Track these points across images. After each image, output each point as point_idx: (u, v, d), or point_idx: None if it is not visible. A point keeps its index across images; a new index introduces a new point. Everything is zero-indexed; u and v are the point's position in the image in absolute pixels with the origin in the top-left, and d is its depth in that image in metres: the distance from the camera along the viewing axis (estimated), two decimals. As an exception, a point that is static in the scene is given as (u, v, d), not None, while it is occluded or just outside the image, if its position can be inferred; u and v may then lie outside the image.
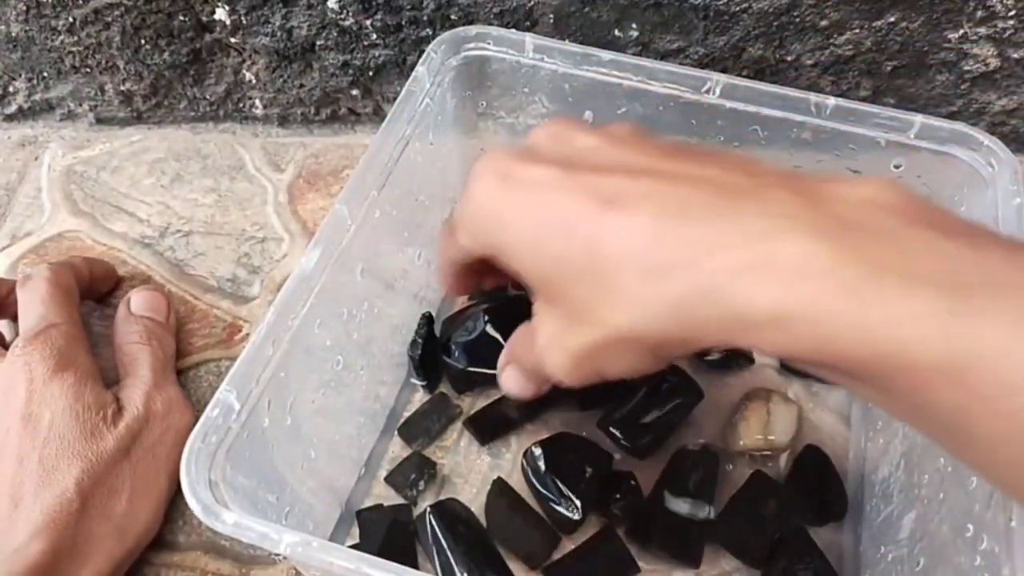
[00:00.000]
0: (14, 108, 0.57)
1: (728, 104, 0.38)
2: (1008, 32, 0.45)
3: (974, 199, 0.36)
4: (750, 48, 0.47)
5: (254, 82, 0.54)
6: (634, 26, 0.47)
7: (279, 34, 0.50)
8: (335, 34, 0.50)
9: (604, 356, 0.28)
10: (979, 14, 0.44)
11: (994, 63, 0.47)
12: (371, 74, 0.52)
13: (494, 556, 0.38)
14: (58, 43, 0.52)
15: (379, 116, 0.55)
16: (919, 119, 0.36)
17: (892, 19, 0.45)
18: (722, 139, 0.39)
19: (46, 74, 0.55)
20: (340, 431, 0.40)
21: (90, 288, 0.47)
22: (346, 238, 0.35)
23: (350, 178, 0.36)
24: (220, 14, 0.50)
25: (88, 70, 0.54)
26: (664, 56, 0.48)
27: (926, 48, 0.46)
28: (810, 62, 0.48)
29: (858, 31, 0.46)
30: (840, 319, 0.22)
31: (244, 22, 0.50)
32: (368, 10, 0.48)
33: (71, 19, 0.51)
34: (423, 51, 0.39)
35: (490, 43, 0.40)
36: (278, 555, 0.27)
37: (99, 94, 0.56)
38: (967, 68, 0.47)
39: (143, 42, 0.52)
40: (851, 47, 0.46)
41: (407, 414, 0.43)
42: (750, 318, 0.23)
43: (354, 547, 0.28)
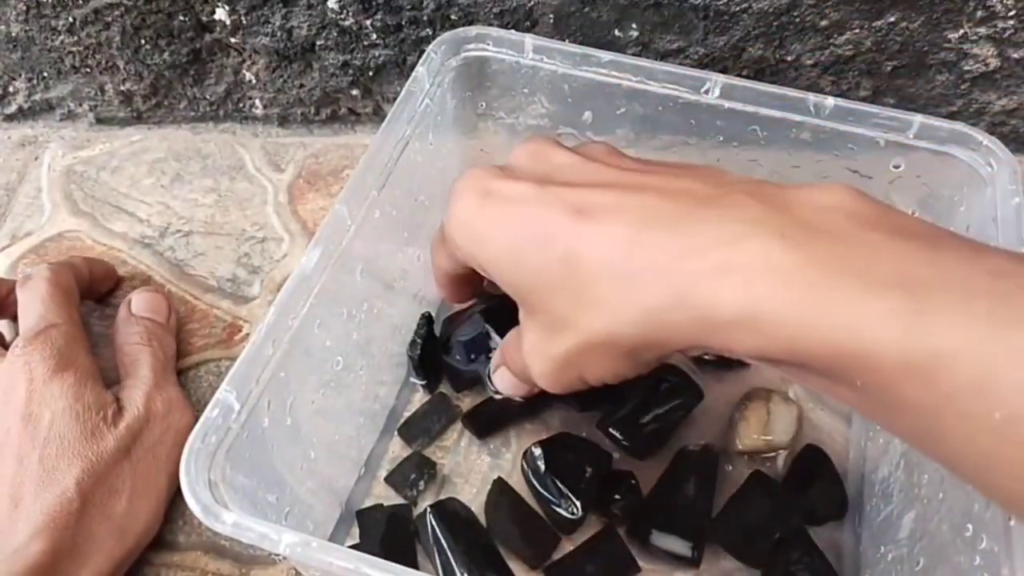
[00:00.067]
0: (14, 108, 0.57)
1: (727, 104, 0.38)
2: (1008, 32, 0.45)
3: (973, 199, 0.36)
4: (750, 48, 0.47)
5: (254, 82, 0.54)
6: (634, 26, 0.47)
7: (279, 34, 0.50)
8: (335, 34, 0.50)
9: (583, 362, 0.29)
10: (979, 14, 0.44)
11: (994, 63, 0.47)
12: (371, 74, 0.52)
13: (494, 556, 0.38)
14: (58, 43, 0.52)
15: (379, 116, 0.55)
16: (918, 119, 0.36)
17: (892, 19, 0.45)
18: (721, 139, 0.39)
19: (46, 74, 0.55)
20: (340, 431, 0.40)
21: (90, 288, 0.47)
22: (346, 238, 0.35)
23: (350, 178, 0.36)
24: (220, 14, 0.50)
25: (88, 70, 0.54)
26: (664, 56, 0.48)
27: (926, 48, 0.46)
28: (810, 62, 0.48)
29: (858, 31, 0.46)
30: (804, 319, 0.22)
31: (244, 22, 0.50)
32: (368, 10, 0.48)
33: (71, 19, 0.51)
34: (423, 51, 0.39)
35: (490, 43, 0.40)
36: (278, 555, 0.27)
37: (99, 94, 0.56)
38: (967, 68, 0.47)
39: (143, 42, 0.52)
40: (851, 47, 0.46)
41: (407, 414, 0.43)
42: (718, 319, 0.24)
43: (354, 547, 0.28)
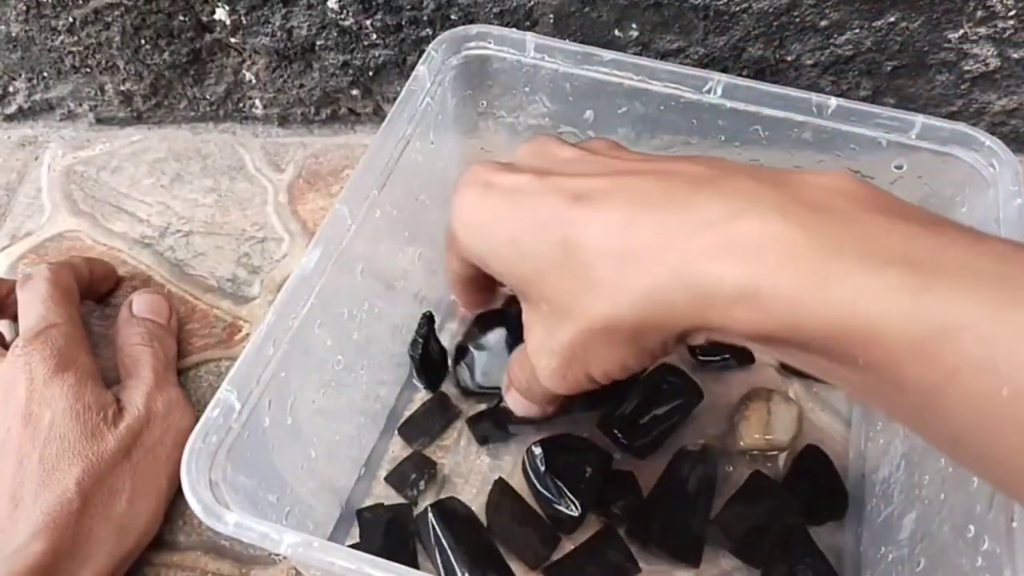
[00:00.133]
0: (14, 108, 0.57)
1: (729, 104, 0.38)
2: (1008, 32, 0.45)
3: (975, 199, 0.36)
4: (750, 48, 0.47)
5: (254, 82, 0.54)
6: (634, 26, 0.47)
7: (279, 34, 0.50)
8: (335, 34, 0.50)
9: (587, 352, 0.28)
10: (979, 14, 0.44)
11: (994, 63, 0.47)
12: (371, 74, 0.52)
13: (495, 555, 0.38)
14: (58, 43, 0.52)
15: (379, 116, 0.55)
16: (920, 119, 0.36)
17: (892, 19, 0.45)
18: (723, 139, 0.39)
19: (46, 74, 0.55)
20: (340, 431, 0.40)
21: (90, 288, 0.47)
22: (346, 238, 0.35)
23: (350, 178, 0.36)
24: (220, 14, 0.50)
25: (88, 70, 0.54)
26: (664, 56, 0.48)
27: (926, 48, 0.46)
28: (810, 62, 0.48)
29: (858, 31, 0.46)
30: (805, 294, 0.22)
31: (244, 22, 0.50)
32: (368, 10, 0.48)
33: (71, 19, 0.51)
34: (423, 51, 0.39)
35: (491, 42, 0.40)
36: (278, 555, 0.27)
37: (99, 94, 0.56)
38: (967, 68, 0.47)
39: (143, 42, 0.52)
40: (851, 47, 0.46)
41: (407, 414, 0.43)
42: (718, 296, 0.24)
43: (354, 547, 0.28)
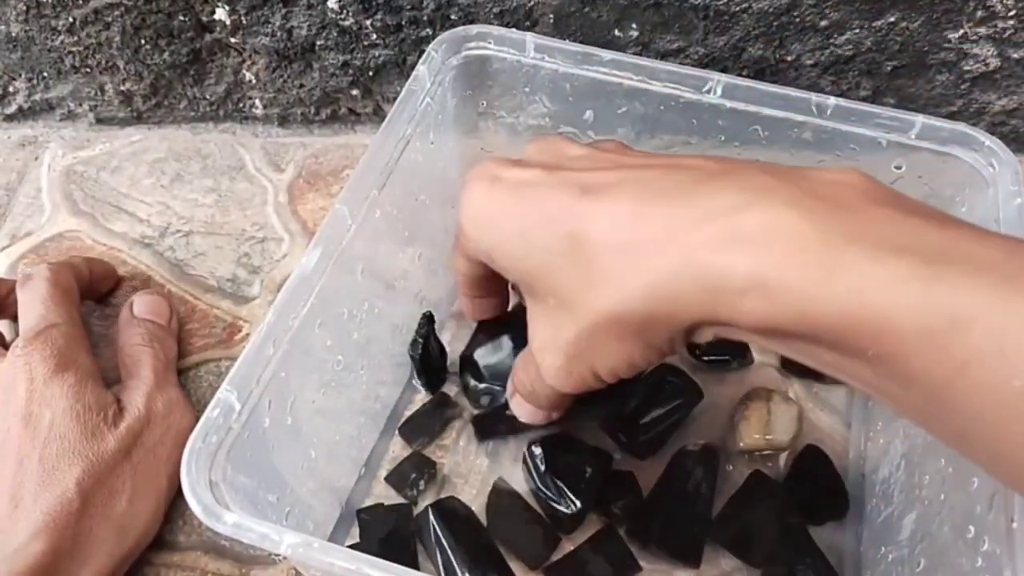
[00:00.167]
0: (14, 108, 0.57)
1: (729, 104, 0.38)
2: (1008, 32, 0.45)
3: (975, 199, 0.36)
4: (750, 48, 0.47)
5: (254, 82, 0.54)
6: (634, 26, 0.47)
7: (279, 34, 0.50)
8: (335, 34, 0.50)
9: (594, 348, 0.28)
10: (979, 14, 0.44)
11: (994, 63, 0.47)
12: (371, 74, 0.52)
13: (495, 555, 0.38)
14: (58, 43, 0.52)
15: (379, 116, 0.55)
16: (920, 119, 0.36)
17: (892, 19, 0.45)
18: (723, 139, 0.39)
19: (46, 74, 0.55)
20: (340, 431, 0.40)
21: (90, 288, 0.47)
22: (346, 238, 0.35)
23: (350, 178, 0.36)
24: (220, 14, 0.50)
25: (88, 70, 0.54)
26: (664, 56, 0.48)
27: (926, 48, 0.46)
28: (810, 62, 0.48)
29: (858, 31, 0.46)
30: (816, 284, 0.22)
31: (244, 22, 0.50)
32: (368, 10, 0.48)
33: (71, 19, 0.51)
34: (423, 51, 0.39)
35: (491, 42, 0.40)
36: (278, 555, 0.27)
37: (99, 94, 0.56)
38: (967, 68, 0.47)
39: (143, 42, 0.52)
40: (851, 47, 0.46)
41: (408, 414, 0.43)
42: (727, 287, 0.24)
43: (354, 547, 0.28)
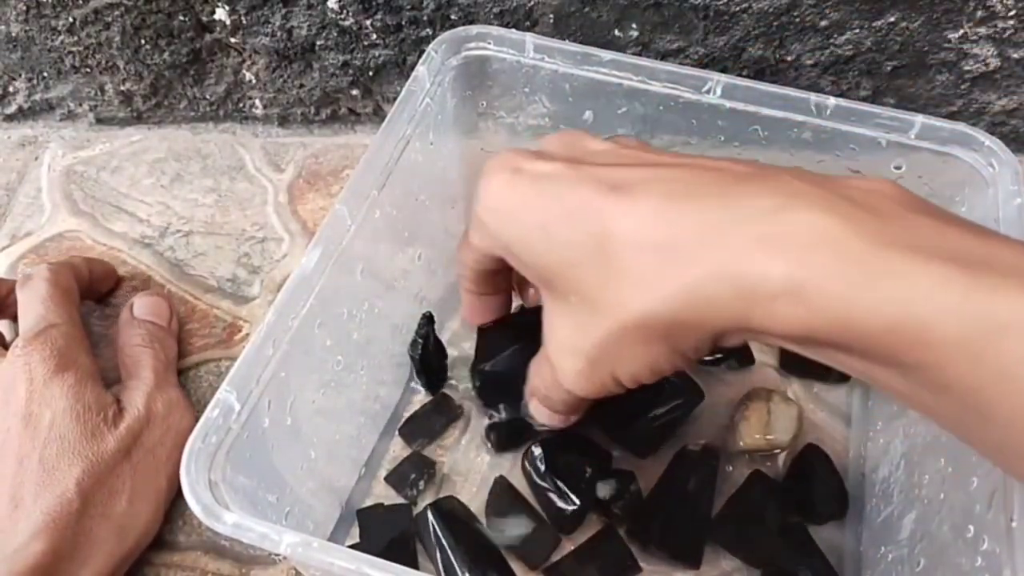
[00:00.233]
0: (14, 108, 0.57)
1: (728, 104, 0.38)
2: (1008, 32, 0.45)
3: (975, 199, 0.36)
4: (750, 48, 0.47)
5: (254, 82, 0.54)
6: (634, 26, 0.47)
7: (279, 34, 0.50)
8: (335, 34, 0.50)
9: (617, 352, 0.27)
10: (979, 14, 0.44)
11: (994, 63, 0.47)
12: (371, 74, 0.52)
13: (495, 555, 0.38)
14: (58, 43, 0.52)
15: (379, 116, 0.55)
16: (920, 119, 0.36)
17: (892, 19, 0.45)
18: (722, 139, 0.39)
19: (46, 74, 0.55)
20: (340, 431, 0.40)
21: (90, 288, 0.47)
22: (346, 238, 0.35)
23: (350, 178, 0.36)
24: (220, 14, 0.50)
25: (88, 70, 0.54)
26: (664, 56, 0.48)
27: (926, 48, 0.46)
28: (810, 62, 0.48)
29: (858, 31, 0.46)
30: (854, 289, 0.22)
31: (244, 22, 0.50)
32: (368, 10, 0.48)
33: (71, 19, 0.51)
34: (423, 51, 0.39)
35: (490, 43, 0.40)
36: (278, 555, 0.27)
37: (99, 94, 0.56)
38: (967, 68, 0.47)
39: (143, 42, 0.52)
40: (851, 47, 0.46)
41: (407, 414, 0.43)
42: (762, 291, 0.23)
43: (354, 547, 0.28)
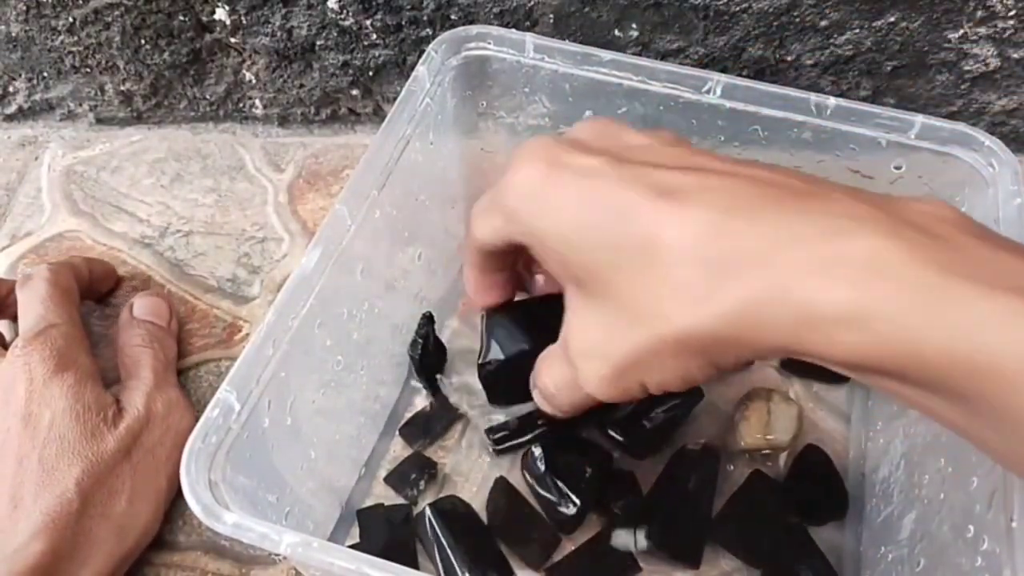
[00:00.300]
0: (14, 108, 0.57)
1: (728, 104, 0.38)
2: (1008, 32, 0.45)
3: (975, 199, 0.36)
4: (750, 48, 0.47)
5: (254, 82, 0.54)
6: (634, 26, 0.47)
7: (279, 34, 0.50)
8: (335, 34, 0.50)
9: (653, 362, 0.26)
10: (979, 14, 0.44)
11: (994, 63, 0.47)
12: (371, 74, 0.52)
13: (496, 554, 0.38)
14: (58, 43, 0.52)
15: (379, 116, 0.55)
16: (920, 119, 0.36)
17: (892, 19, 0.45)
18: (722, 139, 0.39)
19: (46, 74, 0.55)
20: (340, 431, 0.40)
21: (90, 288, 0.47)
22: (346, 238, 0.35)
23: (350, 178, 0.36)
24: (220, 14, 0.50)
25: (88, 70, 0.54)
26: (664, 56, 0.48)
27: (926, 48, 0.46)
28: (810, 62, 0.48)
29: (858, 31, 0.46)
30: (918, 319, 0.21)
31: (244, 22, 0.50)
32: (368, 10, 0.48)
33: (71, 19, 0.51)
34: (423, 51, 0.39)
35: (490, 43, 0.40)
36: (278, 555, 0.27)
37: (99, 94, 0.56)
38: (967, 68, 0.47)
39: (143, 42, 0.52)
40: (851, 47, 0.46)
41: (408, 414, 0.43)
42: (822, 316, 0.22)
43: (354, 547, 0.28)
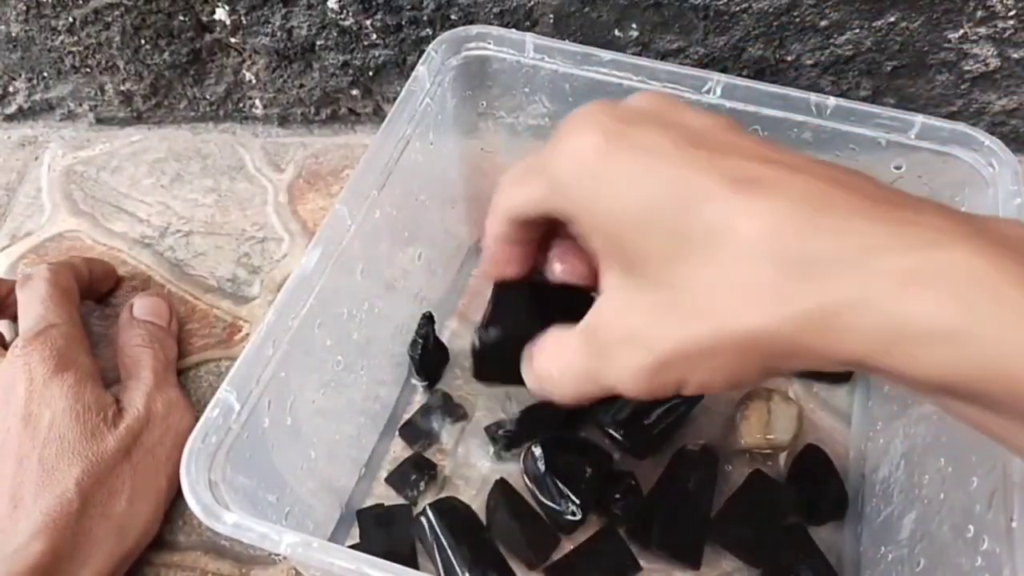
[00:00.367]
0: (14, 108, 0.57)
1: (728, 104, 0.38)
2: (1008, 32, 0.45)
3: (975, 199, 0.36)
4: (750, 48, 0.47)
5: (254, 82, 0.54)
6: (634, 26, 0.47)
7: (279, 34, 0.50)
8: (335, 34, 0.50)
9: (705, 359, 0.24)
10: (979, 14, 0.44)
11: (994, 63, 0.47)
12: (371, 74, 0.52)
13: (495, 555, 0.38)
14: (58, 43, 0.52)
15: (379, 116, 0.55)
16: (920, 119, 0.36)
17: (892, 19, 0.45)
18: (722, 139, 0.39)
19: (46, 74, 0.55)
20: (340, 431, 0.40)
21: (90, 288, 0.47)
22: (346, 238, 0.35)
23: (350, 178, 0.36)
24: (220, 14, 0.50)
25: (88, 70, 0.54)
26: (664, 56, 0.48)
27: (926, 48, 0.46)
28: (810, 62, 0.48)
29: (858, 31, 0.46)
30: (1012, 340, 0.20)
31: (244, 22, 0.50)
32: (368, 10, 0.48)
33: (71, 19, 0.51)
34: (423, 51, 0.39)
35: (490, 43, 0.40)
36: (278, 555, 0.27)
37: (99, 94, 0.56)
38: (967, 68, 0.47)
39: (143, 42, 0.52)
40: (851, 47, 0.46)
41: (407, 414, 0.43)
42: (911, 331, 0.20)
43: (354, 547, 0.28)
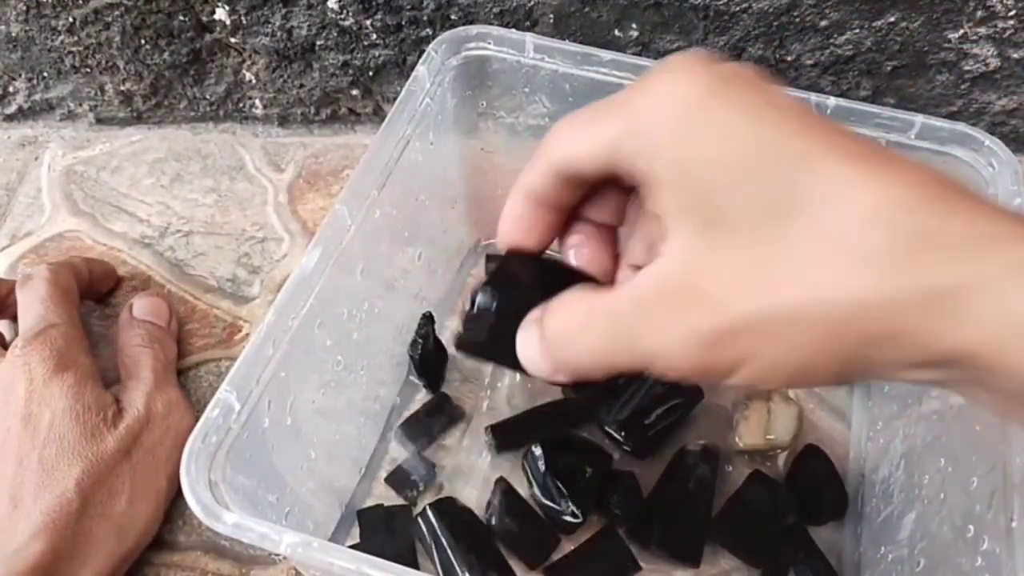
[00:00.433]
0: (14, 108, 0.57)
1: (728, 104, 0.38)
2: (1008, 32, 0.45)
3: (974, 199, 0.36)
4: (750, 48, 0.47)
5: (254, 82, 0.54)
6: (634, 26, 0.47)
7: (279, 34, 0.50)
8: (335, 34, 0.50)
9: (781, 333, 0.21)
10: (979, 14, 0.44)
11: (994, 63, 0.47)
12: (371, 74, 0.52)
13: (495, 554, 0.38)
14: (58, 43, 0.52)
15: (379, 116, 0.55)
16: (920, 119, 0.36)
17: (892, 19, 0.45)
18: (722, 139, 0.39)
19: (46, 74, 0.55)
20: (340, 431, 0.40)
21: (90, 288, 0.47)
22: (346, 238, 0.35)
23: (350, 178, 0.36)
24: (220, 14, 0.50)
25: (88, 70, 0.54)
26: (664, 56, 0.48)
27: (926, 48, 0.46)
28: (810, 62, 0.48)
29: (858, 31, 0.46)
30: None
31: (244, 22, 0.50)
32: (368, 10, 0.48)
33: (71, 19, 0.51)
34: (423, 51, 0.39)
35: (490, 43, 0.40)
36: (278, 555, 0.27)
37: (99, 94, 0.56)
38: (967, 68, 0.47)
39: (143, 42, 0.52)
40: (851, 47, 0.46)
41: (407, 414, 0.43)
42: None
43: (354, 547, 0.28)
